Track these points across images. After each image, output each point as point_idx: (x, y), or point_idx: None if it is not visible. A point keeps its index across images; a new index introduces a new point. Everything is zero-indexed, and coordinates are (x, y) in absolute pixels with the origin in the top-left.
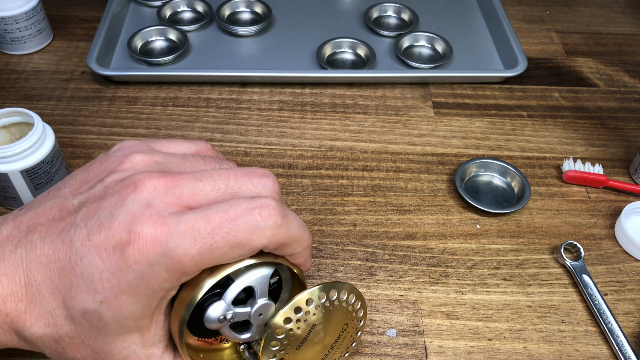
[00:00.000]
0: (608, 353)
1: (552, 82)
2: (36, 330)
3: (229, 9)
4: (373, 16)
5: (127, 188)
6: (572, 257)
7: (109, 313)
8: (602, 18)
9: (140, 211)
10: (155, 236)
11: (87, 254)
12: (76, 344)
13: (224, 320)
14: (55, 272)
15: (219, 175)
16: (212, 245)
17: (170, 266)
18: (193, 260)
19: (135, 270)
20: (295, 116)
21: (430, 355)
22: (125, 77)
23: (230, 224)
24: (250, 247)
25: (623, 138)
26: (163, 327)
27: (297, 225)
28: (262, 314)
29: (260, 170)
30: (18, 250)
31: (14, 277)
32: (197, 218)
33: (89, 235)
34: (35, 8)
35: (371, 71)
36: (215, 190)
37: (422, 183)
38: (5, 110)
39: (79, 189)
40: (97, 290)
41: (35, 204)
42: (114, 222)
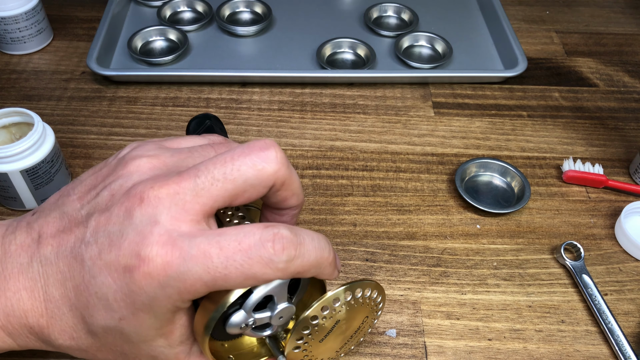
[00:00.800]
0: (608, 353)
1: (552, 82)
2: (62, 343)
3: (229, 9)
4: (373, 16)
5: (132, 200)
6: (572, 257)
7: (130, 328)
8: (602, 18)
9: (149, 230)
10: (166, 259)
11: (99, 274)
12: (104, 351)
13: (245, 327)
14: (72, 290)
15: (215, 165)
16: (225, 275)
17: (182, 289)
18: (206, 285)
19: (147, 292)
20: (295, 116)
21: (430, 355)
22: (125, 77)
23: (244, 255)
24: (263, 280)
25: (623, 138)
26: (188, 328)
27: (313, 250)
28: (283, 317)
29: (258, 143)
30: (34, 264)
31: (33, 292)
32: (210, 244)
33: (100, 254)
34: (35, 8)
35: (371, 71)
36: (213, 184)
37: (422, 183)
38: (5, 110)
39: (86, 196)
40: (113, 309)
41: (46, 210)
42: (124, 242)
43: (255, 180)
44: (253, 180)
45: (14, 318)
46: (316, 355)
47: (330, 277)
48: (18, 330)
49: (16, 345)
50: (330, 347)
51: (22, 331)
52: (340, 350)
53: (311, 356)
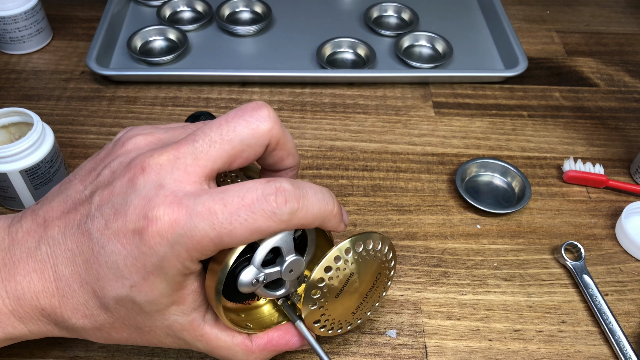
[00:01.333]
0: (609, 353)
1: (552, 82)
2: (75, 322)
3: (229, 8)
4: (373, 16)
5: (134, 171)
6: (572, 257)
7: (141, 295)
8: (603, 18)
9: (154, 193)
10: (173, 217)
11: (108, 243)
12: (118, 327)
13: (256, 283)
14: (81, 265)
15: (211, 127)
16: (230, 231)
17: (189, 246)
18: (212, 242)
19: (157, 252)
20: (295, 116)
21: (430, 355)
22: (125, 77)
23: (248, 210)
24: (268, 232)
25: (624, 138)
26: (200, 294)
27: (316, 202)
28: (293, 270)
29: (250, 105)
30: (42, 246)
31: (43, 273)
32: (214, 201)
33: (107, 224)
34: (35, 8)
35: (371, 71)
36: (211, 145)
37: (423, 183)
38: (4, 110)
39: (87, 178)
40: (124, 277)
41: (49, 198)
42: (129, 208)
43: (251, 139)
44: (249, 140)
45: (24, 301)
46: (335, 317)
47: (338, 229)
48: (29, 314)
49: (27, 331)
50: (348, 307)
51: (33, 314)
52: (357, 313)
53: (330, 318)
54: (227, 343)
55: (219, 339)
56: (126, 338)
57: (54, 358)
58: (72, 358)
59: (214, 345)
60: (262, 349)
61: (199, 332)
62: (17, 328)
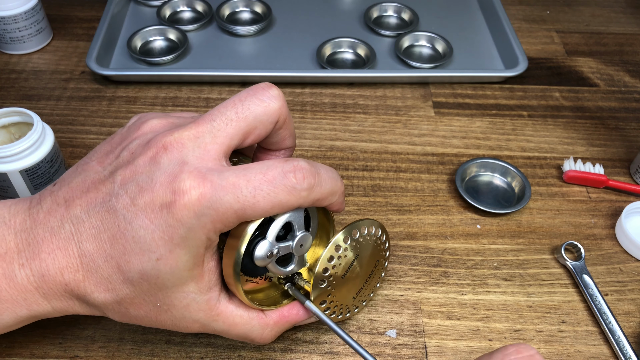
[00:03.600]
0: (609, 353)
1: (552, 82)
2: (97, 296)
3: (229, 8)
4: (373, 16)
5: (155, 149)
6: (572, 257)
7: (166, 268)
8: (603, 18)
9: (179, 169)
10: (200, 190)
11: (135, 218)
12: (137, 303)
13: (271, 256)
14: (107, 241)
15: (226, 107)
16: (254, 204)
17: (215, 217)
18: (236, 214)
19: (185, 224)
20: (295, 116)
21: (430, 355)
22: (125, 77)
23: (270, 185)
24: (288, 207)
25: (624, 138)
26: (215, 274)
27: (329, 179)
28: (303, 245)
29: (260, 85)
30: (65, 225)
31: (67, 250)
32: (237, 177)
33: (133, 201)
34: (35, 8)
35: (371, 71)
36: (228, 123)
37: (423, 183)
38: (4, 110)
39: (105, 160)
40: (151, 250)
41: (67, 179)
42: (155, 184)
43: (264, 116)
44: (262, 117)
45: (49, 277)
46: (341, 301)
47: (341, 208)
48: (53, 290)
49: (51, 308)
50: (351, 291)
51: (57, 290)
52: (360, 296)
53: (337, 303)
54: (243, 319)
55: (235, 315)
56: (142, 316)
57: (54, 358)
58: (72, 358)
59: (230, 323)
60: (276, 322)
61: (215, 312)
62: (41, 305)
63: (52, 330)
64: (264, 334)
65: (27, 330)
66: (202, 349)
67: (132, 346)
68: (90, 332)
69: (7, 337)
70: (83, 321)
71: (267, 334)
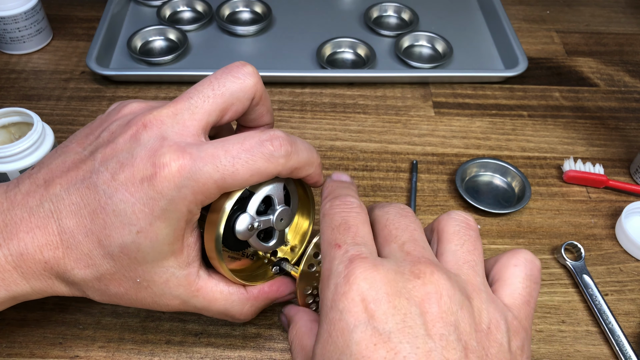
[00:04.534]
0: (609, 353)
1: (552, 81)
2: (77, 272)
3: (229, 8)
4: (373, 16)
5: (135, 127)
6: (572, 257)
7: (146, 242)
8: (603, 18)
9: (159, 144)
10: (179, 162)
11: (116, 193)
12: (117, 279)
13: (252, 229)
14: (87, 216)
15: (203, 85)
16: (233, 172)
17: (195, 188)
18: (216, 184)
19: (166, 195)
20: (295, 116)
21: None
22: (125, 77)
23: (248, 153)
24: (267, 174)
25: (624, 138)
26: (194, 249)
27: (305, 150)
28: (283, 219)
29: (235, 63)
30: (44, 204)
31: (46, 228)
32: (216, 148)
33: (113, 176)
34: (35, 8)
35: (371, 71)
36: (205, 100)
37: (423, 183)
38: (4, 110)
39: (85, 141)
40: (132, 223)
41: (46, 162)
42: (136, 159)
43: (240, 92)
44: (238, 93)
45: (28, 255)
46: None
47: (319, 182)
48: (32, 269)
49: (30, 288)
50: None
51: (36, 268)
52: None
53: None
54: (223, 294)
55: (215, 291)
56: (122, 293)
57: (54, 358)
58: (72, 358)
59: (210, 299)
60: (256, 297)
61: (194, 287)
62: (19, 285)
63: (52, 330)
64: (244, 310)
65: (27, 330)
66: (202, 349)
67: (132, 346)
68: (90, 332)
69: (7, 337)
70: (83, 321)
71: (247, 309)
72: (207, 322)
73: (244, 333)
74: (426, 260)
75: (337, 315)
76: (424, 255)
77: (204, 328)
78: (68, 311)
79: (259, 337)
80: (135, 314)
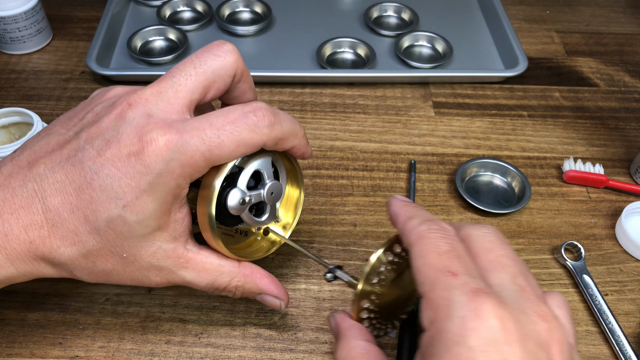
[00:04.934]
0: (608, 353)
1: (552, 82)
2: (63, 251)
3: (229, 8)
4: (373, 16)
5: (121, 107)
6: (572, 257)
7: (133, 215)
8: (603, 18)
9: (145, 121)
10: (166, 137)
11: (102, 168)
12: (104, 255)
13: (244, 203)
14: (72, 193)
15: (184, 64)
16: (219, 144)
17: (183, 161)
18: (203, 156)
19: (153, 169)
20: (295, 116)
21: None
22: (125, 77)
23: (232, 125)
24: (252, 145)
25: (624, 138)
26: (182, 224)
27: (288, 121)
28: (274, 193)
29: (215, 42)
30: (28, 184)
31: (31, 207)
32: (200, 122)
33: (99, 153)
34: (35, 8)
35: (371, 71)
36: (188, 78)
37: (423, 183)
38: (4, 110)
39: (69, 123)
40: (118, 197)
41: (29, 145)
42: (122, 136)
43: (221, 69)
44: (220, 70)
45: (12, 236)
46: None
47: (307, 152)
48: (17, 250)
49: (15, 270)
50: (392, 305)
51: (21, 249)
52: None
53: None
54: (213, 265)
55: (205, 262)
56: (110, 269)
57: (54, 358)
58: (72, 358)
59: (200, 269)
60: (246, 275)
61: (183, 259)
62: (4, 267)
63: (52, 330)
64: (232, 282)
65: (27, 330)
66: (202, 349)
67: (132, 346)
68: (90, 332)
69: (7, 337)
70: (83, 321)
71: (234, 283)
72: (207, 322)
73: (244, 333)
74: (545, 302)
75: (465, 351)
76: (540, 294)
77: (204, 328)
78: (68, 311)
79: (259, 337)
80: (135, 314)
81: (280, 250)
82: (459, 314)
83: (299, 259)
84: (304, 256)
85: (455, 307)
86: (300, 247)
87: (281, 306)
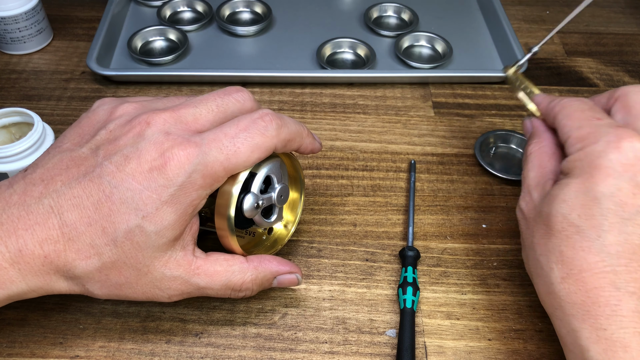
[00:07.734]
0: None
1: (552, 82)
2: (78, 264)
3: (229, 8)
4: (373, 16)
5: (139, 126)
6: None
7: (151, 226)
8: (602, 18)
9: (164, 138)
10: (187, 151)
11: (122, 183)
12: (118, 267)
13: (258, 207)
14: (90, 207)
15: (208, 99)
16: (235, 151)
17: (204, 172)
18: (222, 165)
19: (176, 182)
20: (295, 116)
21: (430, 355)
22: (125, 77)
23: (245, 132)
24: (265, 148)
25: None
26: (190, 233)
27: (293, 123)
28: (283, 195)
29: (233, 88)
30: (44, 200)
31: (46, 223)
32: (216, 133)
33: (119, 168)
34: (35, 8)
35: (371, 71)
36: (210, 112)
37: (422, 183)
38: (5, 110)
39: (80, 141)
40: (138, 208)
41: (42, 163)
42: (142, 152)
43: (238, 113)
44: (237, 113)
45: (27, 251)
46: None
47: (316, 146)
48: (30, 264)
49: (26, 285)
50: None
51: (35, 264)
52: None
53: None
54: (223, 266)
55: (215, 264)
56: (123, 282)
57: (55, 358)
58: (73, 358)
59: (212, 273)
60: (256, 267)
61: (194, 266)
62: (15, 283)
63: (52, 330)
64: (245, 279)
65: (27, 330)
66: (202, 348)
67: (133, 346)
68: (91, 332)
69: (7, 337)
70: (83, 321)
71: (248, 278)
72: (207, 322)
73: (244, 333)
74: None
75: (605, 162)
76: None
77: (204, 328)
78: (69, 311)
79: (259, 337)
80: (135, 314)
81: (280, 251)
82: (605, 138)
83: (299, 259)
84: (304, 256)
85: (602, 134)
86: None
87: (299, 279)
